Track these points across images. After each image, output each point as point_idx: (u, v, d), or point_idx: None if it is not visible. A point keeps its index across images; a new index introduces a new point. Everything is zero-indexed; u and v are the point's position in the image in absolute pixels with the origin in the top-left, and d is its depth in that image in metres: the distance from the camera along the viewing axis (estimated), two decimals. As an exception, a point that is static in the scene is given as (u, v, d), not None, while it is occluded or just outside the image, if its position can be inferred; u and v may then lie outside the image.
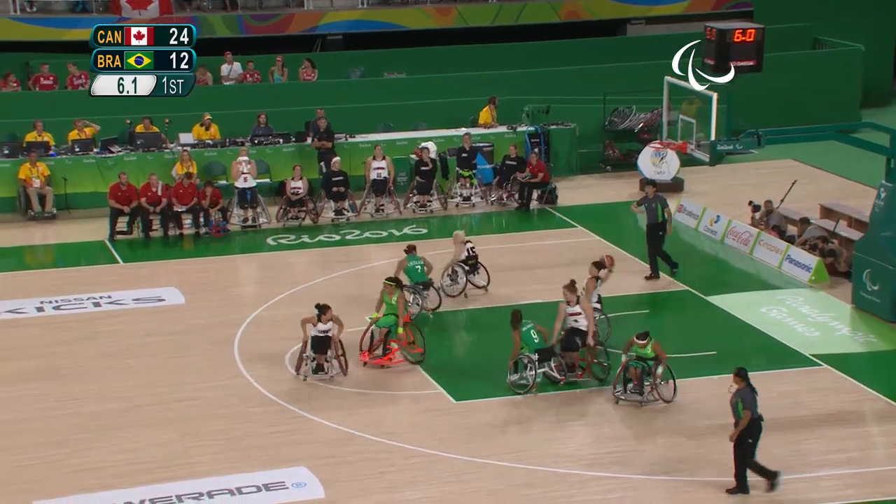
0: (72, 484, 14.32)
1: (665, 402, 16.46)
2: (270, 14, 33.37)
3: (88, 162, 26.01)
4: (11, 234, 24.51)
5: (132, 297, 20.90)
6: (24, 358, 18.21)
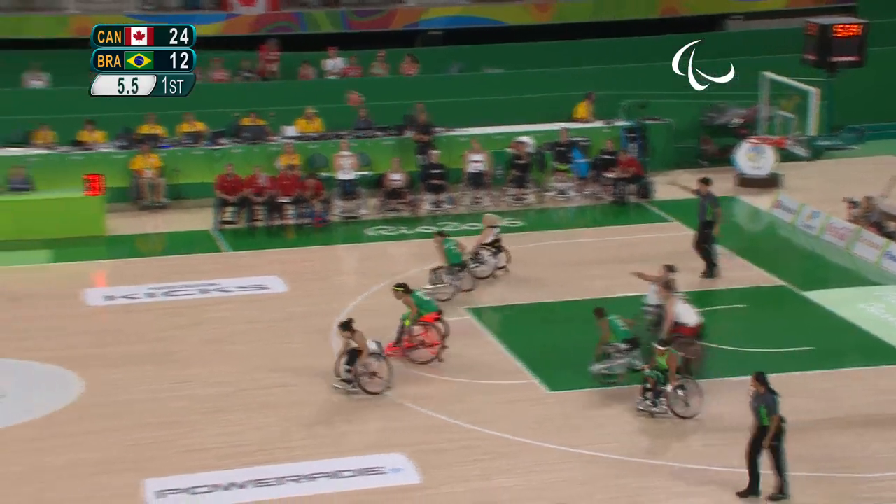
0: (179, 464, 14.48)
1: (680, 418, 15.64)
2: (374, 10, 33.48)
3: (197, 153, 26.38)
4: (125, 222, 24.93)
5: (237, 284, 21.10)
6: (136, 342, 18.49)
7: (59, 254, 23.13)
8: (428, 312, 17.81)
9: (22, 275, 22.10)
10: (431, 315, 17.84)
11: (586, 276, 20.76)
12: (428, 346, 17.71)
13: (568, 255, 22.52)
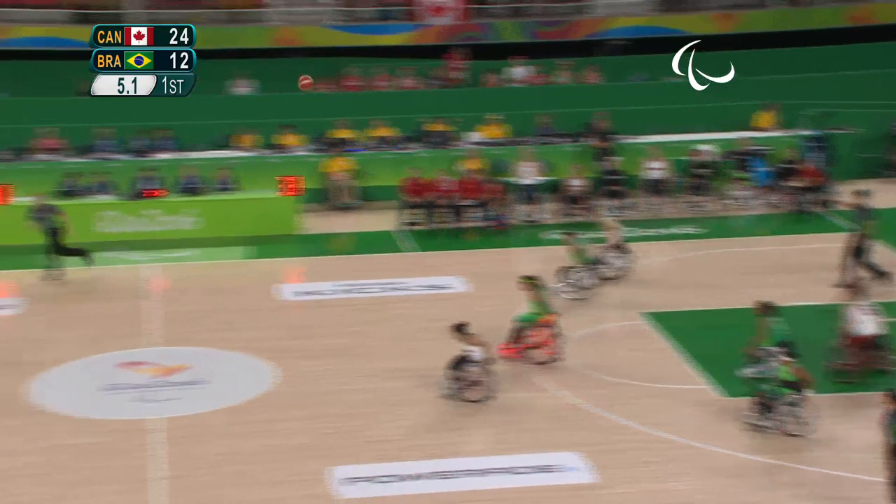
0: (364, 454, 14.86)
1: (787, 435, 14.90)
2: (559, 20, 33.56)
3: (386, 157, 27.00)
4: (317, 222, 25.71)
5: (420, 283, 21.51)
6: (327, 336, 19.02)
7: (257, 250, 24.04)
8: (546, 314, 17.75)
9: (223, 270, 23.03)
10: (549, 317, 17.77)
11: (762, 283, 20.38)
12: (541, 347, 17.63)
13: (745, 263, 22.17)
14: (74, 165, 25.64)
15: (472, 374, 16.27)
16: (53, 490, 13.81)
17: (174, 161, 26.15)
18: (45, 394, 16.56)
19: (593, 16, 33.61)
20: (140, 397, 16.49)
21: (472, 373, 16.27)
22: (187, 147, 26.97)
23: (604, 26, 33.46)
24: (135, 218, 24.46)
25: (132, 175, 25.24)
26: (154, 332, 19.13)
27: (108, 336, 18.78)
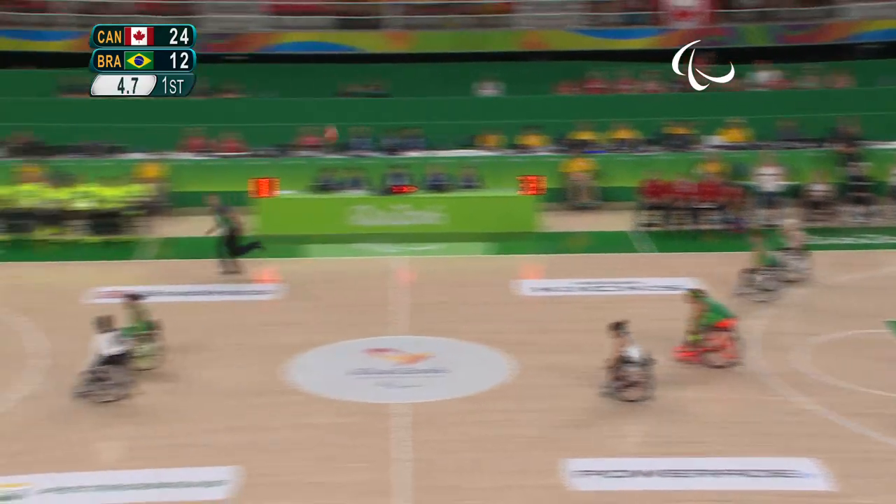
0: (597, 448, 14.85)
1: None
2: (807, 24, 32.47)
3: (625, 159, 26.85)
4: (556, 221, 25.83)
5: (657, 284, 21.28)
6: (563, 331, 19.03)
7: (498, 246, 24.38)
8: (722, 318, 17.26)
9: (465, 264, 23.46)
10: (726, 321, 17.26)
11: None
12: (719, 351, 17.16)
13: None
14: (331, 161, 26.65)
15: (631, 374, 16.08)
16: (306, 464, 14.43)
17: (422, 159, 26.81)
18: (300, 374, 17.31)
19: (846, 19, 32.33)
20: (386, 382, 17.01)
21: (630, 373, 16.07)
22: (435, 146, 27.60)
23: (857, 29, 32.14)
24: (384, 212, 25.23)
25: (383, 172, 26.03)
26: (400, 321, 19.68)
27: (358, 323, 19.44)
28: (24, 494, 13.50)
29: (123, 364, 16.20)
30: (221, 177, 26.36)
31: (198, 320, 19.40)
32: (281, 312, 20.10)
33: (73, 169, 25.07)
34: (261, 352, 18.10)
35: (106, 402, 15.96)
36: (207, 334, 18.77)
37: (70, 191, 24.03)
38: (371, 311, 20.04)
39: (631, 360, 16.05)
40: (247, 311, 20.04)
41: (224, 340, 18.56)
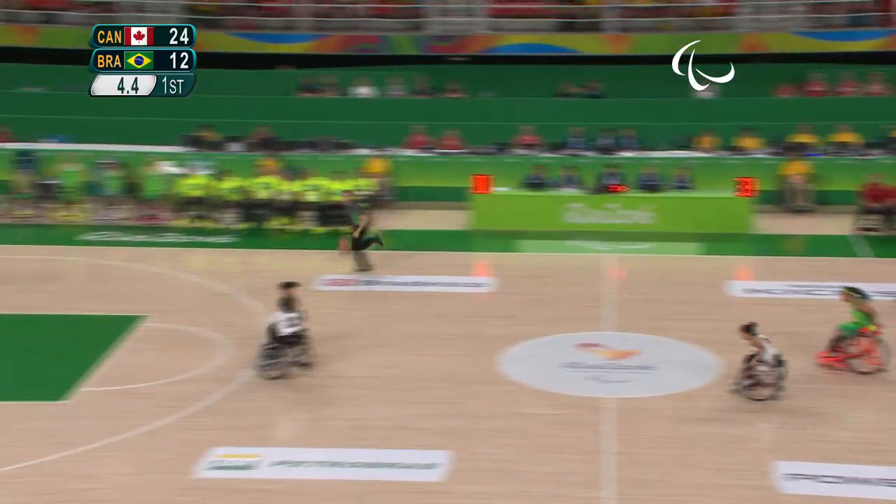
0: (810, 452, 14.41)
1: None
2: None
3: (845, 162, 25.90)
4: (770, 223, 25.16)
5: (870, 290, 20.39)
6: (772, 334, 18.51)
7: (709, 247, 23.95)
8: (869, 324, 16.54)
9: (675, 263, 23.17)
10: (871, 327, 16.54)
11: None
12: (866, 357, 16.43)
13: None
14: (546, 160, 26.77)
15: (761, 374, 15.78)
16: (515, 452, 14.60)
17: (636, 159, 26.61)
18: (511, 365, 17.51)
19: None
20: (595, 377, 17.01)
21: (761, 372, 15.77)
22: (649, 146, 27.33)
23: None
24: (597, 210, 25.16)
25: (597, 171, 25.96)
26: (609, 317, 19.62)
27: (569, 317, 19.49)
28: (257, 465, 14.20)
29: (293, 345, 16.83)
30: (441, 173, 26.89)
31: (415, 309, 19.87)
32: (494, 305, 20.35)
33: (304, 163, 26.08)
34: (474, 342, 18.39)
35: (273, 377, 16.63)
36: (425, 323, 19.21)
37: (302, 184, 25.02)
38: (581, 307, 20.05)
39: (762, 360, 15.79)
40: (461, 302, 20.39)
41: (439, 330, 18.95)
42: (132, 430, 15.09)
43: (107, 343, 18.00)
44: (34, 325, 19.02)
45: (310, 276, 21.74)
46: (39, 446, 14.59)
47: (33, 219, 24.71)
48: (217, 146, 26.67)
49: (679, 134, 27.64)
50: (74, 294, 20.38)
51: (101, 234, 24.14)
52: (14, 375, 17.05)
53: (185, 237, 24.03)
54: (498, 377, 17.10)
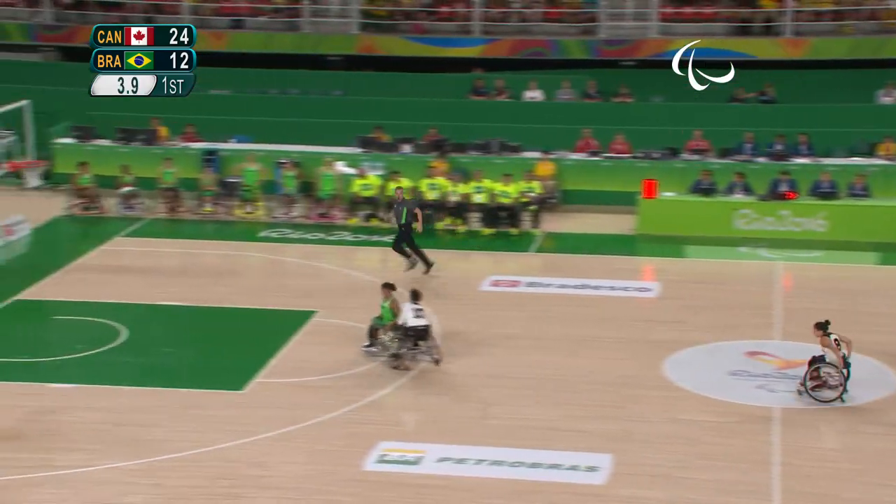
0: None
1: None
2: None
3: None
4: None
5: None
6: None
7: (885, 257, 23.16)
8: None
9: (848, 272, 22.51)
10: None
11: None
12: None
13: None
14: (716, 165, 26.34)
15: (825, 375, 15.68)
16: (676, 458, 14.50)
17: (810, 166, 25.91)
18: (677, 371, 17.36)
19: None
20: (762, 385, 16.70)
21: (825, 374, 15.67)
22: (823, 153, 26.58)
23: None
24: (768, 217, 24.62)
25: (769, 177, 25.40)
26: (777, 325, 19.22)
27: (735, 324, 19.19)
28: (421, 461, 14.52)
29: (416, 337, 17.20)
30: (608, 177, 26.78)
31: (579, 312, 19.90)
32: (658, 310, 20.20)
33: (473, 165, 26.38)
34: (637, 346, 18.31)
35: (394, 367, 17.10)
36: (588, 326, 19.22)
37: (470, 185, 25.31)
38: (749, 314, 19.71)
39: (826, 362, 15.69)
40: (625, 307, 20.30)
41: (603, 333, 18.93)
42: (303, 422, 15.63)
43: (281, 336, 18.67)
44: (216, 317, 19.86)
45: (475, 276, 22.01)
46: (219, 433, 15.26)
47: (216, 215, 25.75)
48: (389, 147, 27.23)
49: (858, 140, 26.79)
50: (252, 288, 21.18)
51: (277, 231, 24.98)
52: (198, 365, 17.88)
53: (356, 236, 24.64)
54: (661, 382, 16.98)
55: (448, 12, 32.60)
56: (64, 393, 16.49)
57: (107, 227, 24.86)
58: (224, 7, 32.98)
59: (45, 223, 24.99)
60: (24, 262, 22.93)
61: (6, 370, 17.26)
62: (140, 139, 27.47)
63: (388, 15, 32.73)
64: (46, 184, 27.47)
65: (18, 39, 32.38)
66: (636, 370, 17.36)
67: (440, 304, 19.97)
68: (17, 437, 15.09)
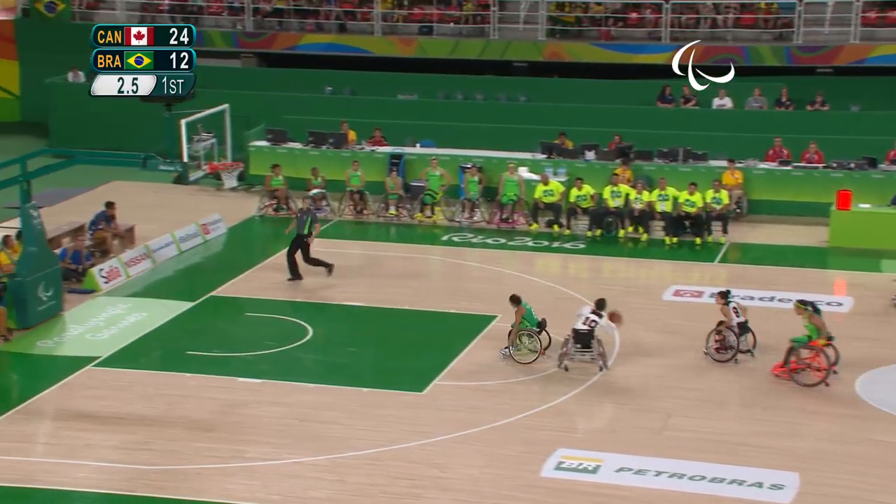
0: None
1: None
2: None
3: None
4: None
5: None
6: None
7: None
8: (819, 337, 15.94)
9: None
10: (821, 340, 15.96)
11: None
12: (815, 370, 15.76)
13: None
14: (917, 176, 25.17)
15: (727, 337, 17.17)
16: (868, 480, 13.92)
17: None
18: (868, 389, 16.65)
19: None
20: (962, 409, 15.87)
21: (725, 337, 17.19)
22: None
23: None
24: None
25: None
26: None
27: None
28: (599, 469, 14.37)
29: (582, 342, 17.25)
30: (799, 187, 25.93)
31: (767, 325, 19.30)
32: (850, 325, 19.41)
33: (657, 173, 25.97)
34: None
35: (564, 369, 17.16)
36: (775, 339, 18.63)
37: (654, 194, 24.93)
38: (949, 334, 18.75)
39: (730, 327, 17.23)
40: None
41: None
42: (481, 425, 15.71)
43: (461, 340, 18.82)
44: (398, 319, 20.18)
45: (658, 286, 21.67)
46: (399, 433, 15.50)
47: (400, 218, 26.17)
48: (572, 154, 27.09)
49: None
50: (434, 291, 21.42)
51: (459, 235, 25.20)
52: (379, 365, 18.20)
53: (537, 241, 24.61)
54: (852, 400, 16.33)
55: (637, 18, 32.22)
56: (253, 387, 17.05)
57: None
58: (414, 14, 33.54)
59: (240, 223, 25.92)
60: (220, 259, 23.84)
61: (202, 364, 17.97)
62: (329, 142, 28.17)
63: (575, 21, 32.60)
64: (241, 185, 28.50)
65: (221, 46, 33.71)
66: (825, 387, 16.72)
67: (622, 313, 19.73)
68: (212, 428, 15.69)
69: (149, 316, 20.02)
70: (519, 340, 17.94)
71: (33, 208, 19.55)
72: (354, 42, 33.19)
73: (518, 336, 17.95)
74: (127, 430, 15.62)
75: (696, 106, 29.23)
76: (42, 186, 23.64)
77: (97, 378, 17.42)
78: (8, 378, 18.13)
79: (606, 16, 32.44)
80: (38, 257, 19.52)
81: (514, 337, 17.96)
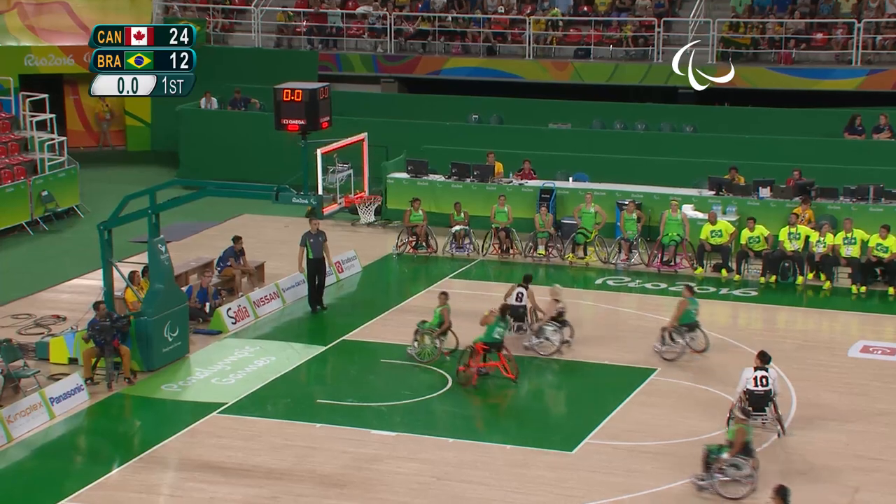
0: None
1: None
2: None
3: None
4: None
5: None
6: None
7: None
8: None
9: None
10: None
11: None
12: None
13: None
14: None
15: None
16: None
17: None
18: None
19: None
20: None
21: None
22: None
23: None
24: None
25: None
26: None
27: None
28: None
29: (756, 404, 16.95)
30: None
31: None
32: None
33: (843, 213, 25.45)
34: None
35: None
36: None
37: (839, 236, 24.43)
38: None
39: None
40: None
41: None
42: (637, 491, 15.64)
43: (617, 394, 18.77)
44: (547, 370, 20.23)
45: (843, 340, 21.22)
46: (546, 496, 15.56)
47: (549, 259, 26.25)
48: (744, 190, 26.78)
49: None
50: (585, 340, 21.39)
51: (615, 278, 25.13)
52: (525, 419, 18.29)
53: (702, 287, 24.34)
54: None
55: (823, 39, 31.74)
56: (388, 441, 17.33)
57: (435, 267, 25.94)
58: (569, 36, 33.76)
59: (376, 260, 26.41)
60: (354, 300, 24.33)
61: (333, 413, 18.36)
62: (474, 175, 28.47)
63: (750, 43, 32.32)
64: (378, 220, 29.06)
65: (361, 71, 34.54)
66: None
67: (799, 370, 19.40)
68: (343, 484, 16.02)
69: (277, 360, 20.57)
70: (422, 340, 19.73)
71: (161, 243, 20.35)
72: (503, 66, 33.61)
73: (421, 335, 20.04)
74: (253, 484, 16.07)
75: (891, 138, 28.55)
76: (170, 219, 24.59)
77: (223, 426, 17.97)
78: (131, 423, 18.86)
79: (787, 37, 32.06)
80: (165, 295, 20.27)
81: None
